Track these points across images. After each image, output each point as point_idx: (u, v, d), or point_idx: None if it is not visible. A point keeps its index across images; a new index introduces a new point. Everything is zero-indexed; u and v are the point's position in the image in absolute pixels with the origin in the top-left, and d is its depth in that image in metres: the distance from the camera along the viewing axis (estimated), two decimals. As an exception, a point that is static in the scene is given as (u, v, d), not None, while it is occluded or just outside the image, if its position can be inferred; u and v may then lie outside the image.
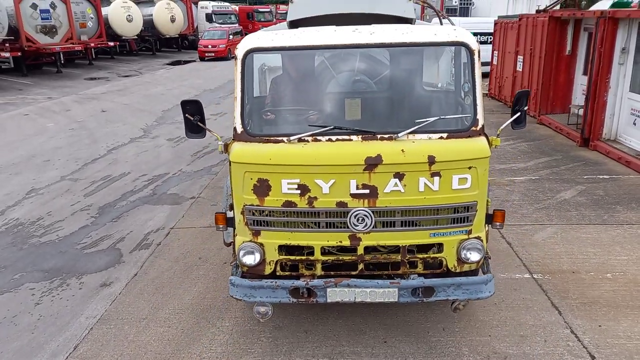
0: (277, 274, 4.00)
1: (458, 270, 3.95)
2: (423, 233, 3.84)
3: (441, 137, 3.73)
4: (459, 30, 4.00)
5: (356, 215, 3.73)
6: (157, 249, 6.16)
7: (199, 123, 4.09)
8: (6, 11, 19.97)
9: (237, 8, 44.00)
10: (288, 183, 3.70)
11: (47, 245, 6.33)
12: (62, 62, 24.31)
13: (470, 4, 27.19)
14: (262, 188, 3.73)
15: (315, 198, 3.71)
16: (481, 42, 18.86)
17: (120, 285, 5.36)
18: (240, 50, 3.91)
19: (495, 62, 15.43)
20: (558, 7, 14.31)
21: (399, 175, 3.64)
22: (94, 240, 6.44)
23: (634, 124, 9.17)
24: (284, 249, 3.94)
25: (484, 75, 17.37)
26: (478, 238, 3.89)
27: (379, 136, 3.71)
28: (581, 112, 10.32)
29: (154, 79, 22.20)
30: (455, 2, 27.56)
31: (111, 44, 27.21)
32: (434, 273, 4.00)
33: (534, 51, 12.46)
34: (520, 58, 13.40)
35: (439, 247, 3.92)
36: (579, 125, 10.39)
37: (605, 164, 8.92)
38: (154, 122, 13.35)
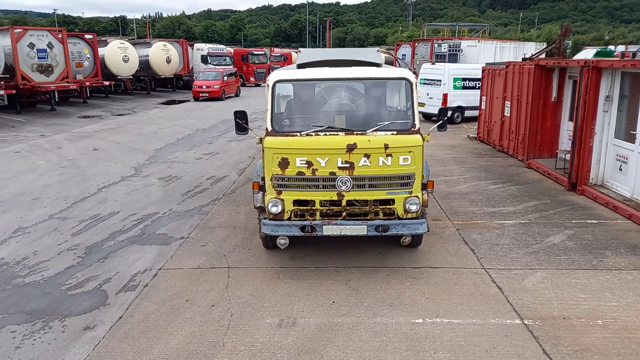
0: (291, 219, 6.15)
1: (404, 217, 6.16)
2: (382, 192, 6.10)
3: (392, 134, 6.03)
4: (404, 71, 6.67)
5: (341, 180, 5.99)
6: (143, 290, 6.06)
7: (244, 125, 6.45)
8: (3, 50, 20.22)
9: (232, 50, 44.94)
10: (299, 160, 5.94)
11: (31, 286, 6.20)
12: (57, 100, 24.46)
13: (459, 50, 28.02)
14: (284, 163, 5.98)
15: (316, 169, 5.96)
16: (470, 87, 19.46)
17: (104, 328, 5.23)
18: (271, 80, 6.34)
19: (483, 107, 15.76)
20: (543, 55, 14.79)
21: (367, 155, 5.91)
22: (80, 281, 6.32)
23: (620, 169, 9.34)
24: (296, 202, 6.14)
25: (474, 119, 17.73)
26: (416, 197, 6.14)
27: (355, 132, 6.02)
28: (568, 157, 10.50)
29: (147, 118, 22.38)
30: (445, 49, 28.41)
31: (106, 83, 27.48)
32: (389, 219, 6.16)
33: (521, 97, 12.78)
34: (507, 104, 13.72)
35: (392, 201, 6.16)
36: (566, 170, 10.54)
37: (593, 208, 9.02)
38: (145, 160, 13.37)
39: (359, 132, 5.99)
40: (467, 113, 19.46)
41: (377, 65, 6.74)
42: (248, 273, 6.48)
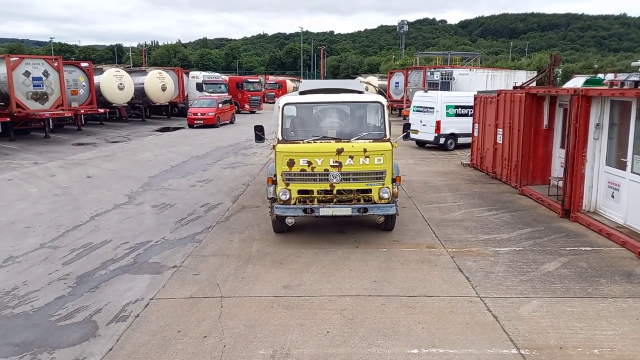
0: (296, 204, 8.26)
1: (379, 202, 8.28)
2: (362, 183, 8.23)
3: (370, 141, 8.22)
4: (379, 96, 9.11)
5: (332, 174, 8.11)
6: (134, 321, 5.95)
7: (262, 136, 9.09)
8: (-2, 78, 20.34)
9: (227, 78, 45.37)
10: (302, 160, 8.08)
11: (20, 317, 6.08)
12: (51, 127, 24.45)
13: (451, 79, 28.42)
14: (291, 163, 8.08)
15: (314, 167, 8.09)
16: (462, 115, 19.66)
17: (93, 360, 5.12)
18: (280, 103, 8.70)
19: (476, 134, 15.92)
20: (534, 84, 15.02)
21: (351, 157, 8.05)
22: (70, 312, 6.21)
23: (612, 196, 9.39)
24: (300, 191, 8.23)
25: (467, 146, 17.85)
26: (387, 187, 8.24)
27: (342, 140, 8.23)
28: (561, 183, 10.56)
29: (142, 145, 22.41)
30: (437, 77, 28.81)
31: (101, 110, 27.56)
32: (367, 203, 8.26)
33: (513, 125, 12.93)
34: (500, 131, 13.87)
35: (370, 191, 8.25)
36: (559, 197, 10.59)
37: (587, 235, 9.03)
38: (139, 188, 13.32)
39: (346, 140, 8.23)
40: (460, 140, 19.65)
41: (360, 92, 9.11)
42: (241, 303, 6.41)
